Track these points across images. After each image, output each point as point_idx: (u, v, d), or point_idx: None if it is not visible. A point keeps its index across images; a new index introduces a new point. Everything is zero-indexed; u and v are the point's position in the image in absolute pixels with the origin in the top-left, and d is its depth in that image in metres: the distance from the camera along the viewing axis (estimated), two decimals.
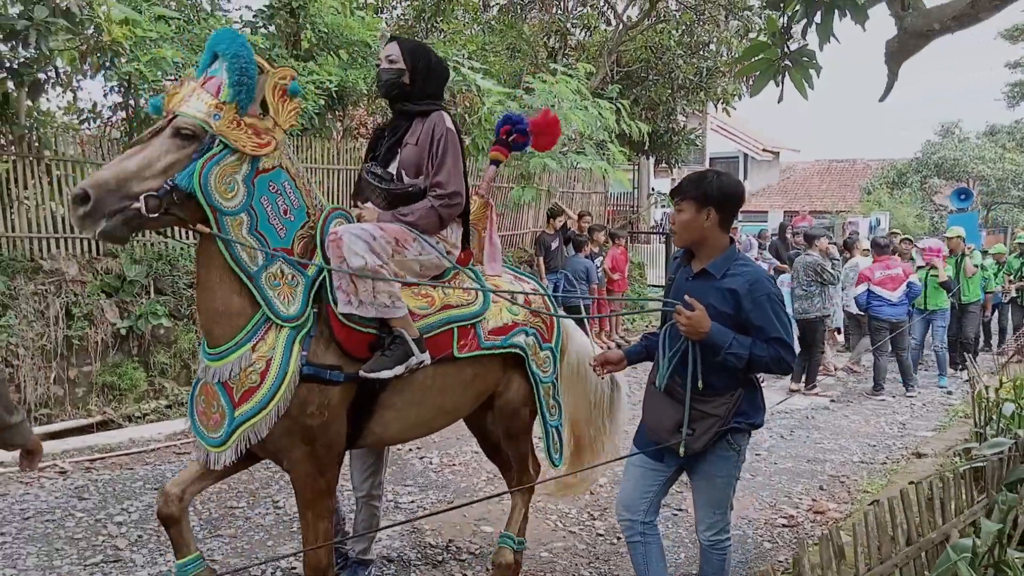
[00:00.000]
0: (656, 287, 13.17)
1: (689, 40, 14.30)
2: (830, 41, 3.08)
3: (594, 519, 4.61)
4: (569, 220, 10.68)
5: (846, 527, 3.22)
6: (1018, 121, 28.55)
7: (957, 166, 24.69)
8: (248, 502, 4.69)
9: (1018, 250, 11.26)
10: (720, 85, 14.67)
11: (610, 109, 10.57)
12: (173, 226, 2.65)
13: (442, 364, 3.03)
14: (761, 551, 4.24)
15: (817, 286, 8.32)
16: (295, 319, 2.70)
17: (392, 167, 3.10)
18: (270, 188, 2.68)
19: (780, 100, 3.21)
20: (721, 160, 28.33)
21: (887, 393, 8.47)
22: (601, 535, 4.37)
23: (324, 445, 2.80)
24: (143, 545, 4.08)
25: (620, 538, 4.12)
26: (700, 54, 14.51)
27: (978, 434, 4.70)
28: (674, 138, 15.18)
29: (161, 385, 6.96)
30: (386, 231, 2.89)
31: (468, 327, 3.12)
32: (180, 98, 2.61)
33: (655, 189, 18.04)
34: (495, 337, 3.21)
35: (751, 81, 3.37)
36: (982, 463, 3.30)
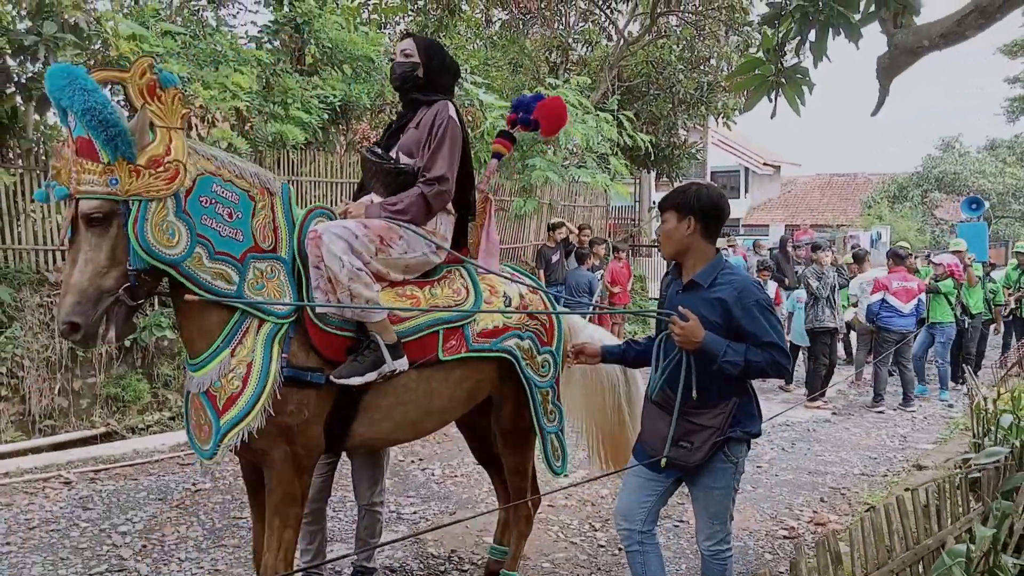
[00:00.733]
0: (657, 301, 13.18)
1: (690, 55, 14.43)
2: (823, 59, 3.15)
3: (595, 530, 4.63)
4: (570, 234, 10.74)
5: (844, 537, 3.25)
6: (1018, 135, 28.65)
7: (958, 180, 24.75)
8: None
9: (1016, 259, 11.22)
10: (721, 100, 14.79)
11: (611, 122, 10.66)
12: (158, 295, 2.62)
13: (429, 367, 2.96)
14: (762, 562, 4.26)
15: (811, 298, 8.41)
16: (291, 315, 2.65)
17: (393, 152, 3.11)
18: (203, 204, 2.52)
19: (773, 116, 3.28)
20: (722, 174, 28.46)
21: (887, 406, 8.48)
22: (603, 546, 4.39)
23: (304, 446, 2.75)
24: (147, 555, 4.11)
25: (621, 549, 4.14)
26: (701, 69, 14.64)
27: (976, 445, 4.72)
28: (675, 152, 15.28)
29: (164, 397, 7.00)
30: (370, 228, 2.84)
31: (456, 329, 3.04)
32: (68, 175, 2.37)
33: (656, 203, 18.10)
34: (485, 340, 3.12)
35: (746, 96, 3.43)
36: (978, 473, 3.33)
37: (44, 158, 6.80)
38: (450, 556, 4.16)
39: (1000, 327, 11.09)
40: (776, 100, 3.23)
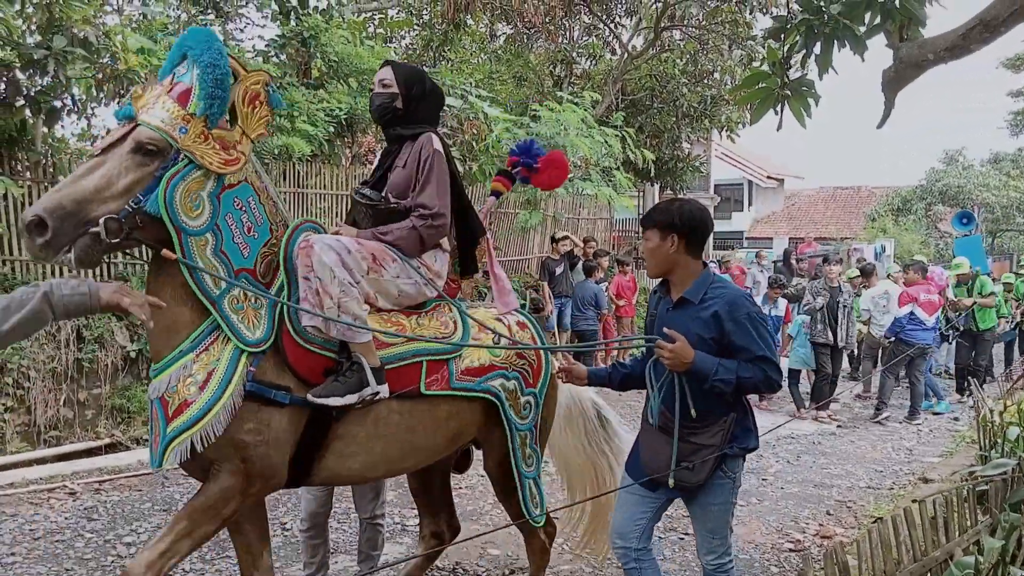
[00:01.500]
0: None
1: (693, 69, 14.48)
2: (829, 71, 3.17)
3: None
4: (575, 246, 10.76)
5: (851, 550, 3.24)
6: (1021, 149, 28.67)
7: (961, 193, 24.77)
8: None
9: None
10: (724, 113, 14.83)
11: (615, 136, 10.70)
12: (132, 248, 2.50)
13: (411, 399, 2.81)
14: (768, 575, 4.24)
15: (813, 311, 8.41)
16: (260, 344, 2.50)
17: (384, 193, 2.98)
18: (235, 204, 2.51)
19: (779, 128, 3.29)
20: (725, 186, 28.50)
21: (893, 419, 8.46)
22: (608, 558, 4.37)
23: (260, 474, 2.53)
24: None
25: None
26: (704, 82, 14.69)
27: (983, 457, 4.70)
28: (679, 165, 15.32)
29: None
30: (363, 246, 2.74)
31: (440, 362, 2.89)
32: (143, 104, 2.39)
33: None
34: (469, 378, 2.95)
35: (751, 109, 3.45)
36: (986, 486, 3.32)
37: (52, 171, 6.84)
38: (455, 568, 4.15)
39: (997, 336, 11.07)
40: (782, 112, 3.25)
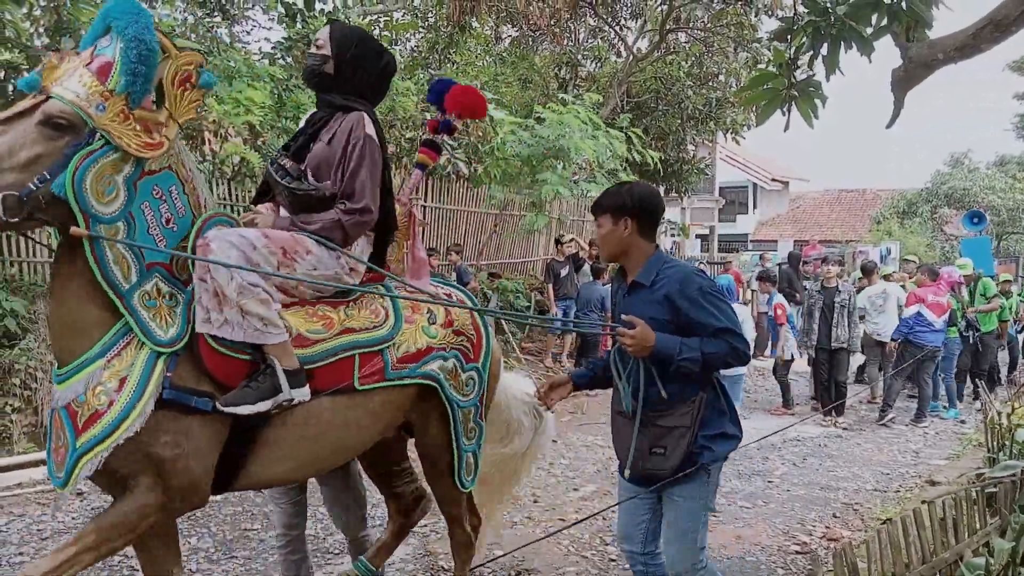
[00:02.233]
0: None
1: (698, 71, 14.51)
2: (836, 72, 3.17)
3: (606, 544, 4.60)
4: (580, 249, 10.77)
5: (860, 552, 3.23)
6: None
7: (967, 196, 24.71)
8: (263, 524, 4.72)
9: None
10: (729, 115, 14.85)
11: (620, 138, 10.71)
12: (32, 228, 2.28)
13: (343, 395, 2.62)
14: None
15: (820, 312, 8.39)
16: (173, 343, 2.31)
17: (304, 167, 2.74)
18: (154, 193, 2.32)
19: (786, 129, 3.29)
20: (730, 189, 28.50)
21: (900, 422, 8.43)
22: (613, 560, 4.37)
23: (179, 488, 2.34)
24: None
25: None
26: (709, 85, 14.71)
27: (991, 459, 4.68)
28: (684, 167, 15.33)
29: None
30: (271, 239, 2.49)
31: (374, 353, 2.70)
32: (58, 75, 2.18)
33: (665, 218, 18.15)
34: (405, 365, 2.78)
35: (757, 110, 3.45)
36: (994, 487, 3.31)
37: None
38: None
39: (1004, 340, 11.01)
40: (789, 113, 3.25)
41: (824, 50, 3.19)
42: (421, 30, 13.13)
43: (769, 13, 13.07)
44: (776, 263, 14.74)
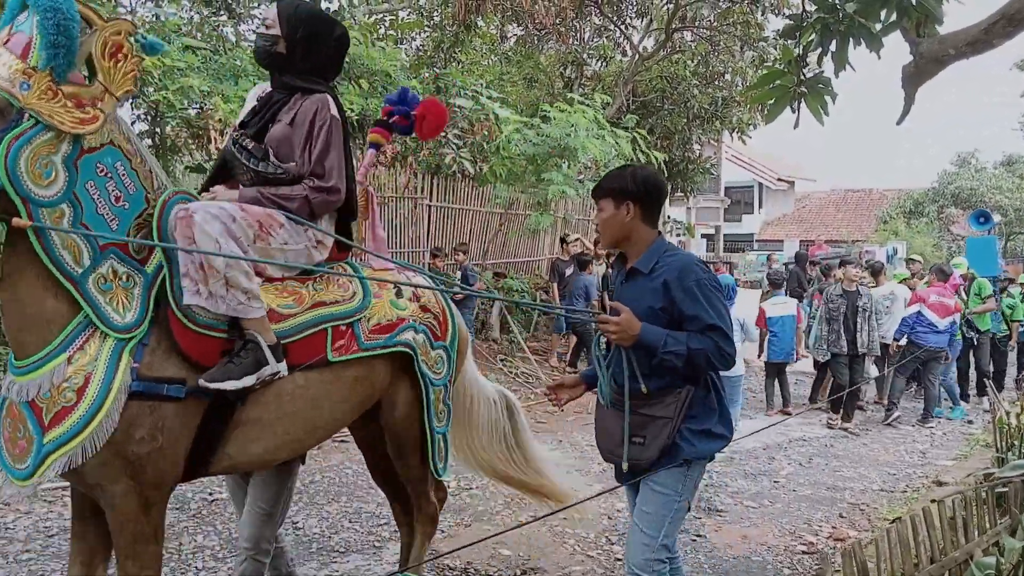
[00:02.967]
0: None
1: (704, 70, 14.48)
2: (845, 68, 3.15)
3: (612, 544, 4.60)
4: (585, 249, 10.75)
5: (870, 552, 3.22)
6: None
7: (974, 196, 24.62)
8: None
9: None
10: (735, 115, 14.82)
11: (626, 138, 10.70)
12: None
13: (316, 370, 2.61)
14: None
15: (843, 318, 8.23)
16: (131, 328, 2.25)
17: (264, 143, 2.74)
18: (98, 171, 2.23)
19: (796, 125, 3.27)
20: (736, 189, 28.49)
21: (906, 423, 8.40)
22: (619, 559, 4.36)
23: (153, 479, 2.31)
24: (165, 563, 4.06)
25: None
26: (715, 84, 14.68)
27: (1000, 459, 4.66)
28: (690, 167, 15.31)
29: None
30: (248, 213, 2.51)
31: (345, 327, 2.69)
32: None
33: (671, 217, 18.13)
34: (378, 336, 2.78)
35: (765, 109, 3.43)
36: (1004, 487, 3.29)
37: None
38: (466, 568, 4.14)
39: (1014, 343, 10.95)
40: (799, 110, 3.23)
41: (833, 47, 3.17)
42: (427, 29, 13.12)
43: (775, 12, 13.04)
44: (783, 262, 14.72)
